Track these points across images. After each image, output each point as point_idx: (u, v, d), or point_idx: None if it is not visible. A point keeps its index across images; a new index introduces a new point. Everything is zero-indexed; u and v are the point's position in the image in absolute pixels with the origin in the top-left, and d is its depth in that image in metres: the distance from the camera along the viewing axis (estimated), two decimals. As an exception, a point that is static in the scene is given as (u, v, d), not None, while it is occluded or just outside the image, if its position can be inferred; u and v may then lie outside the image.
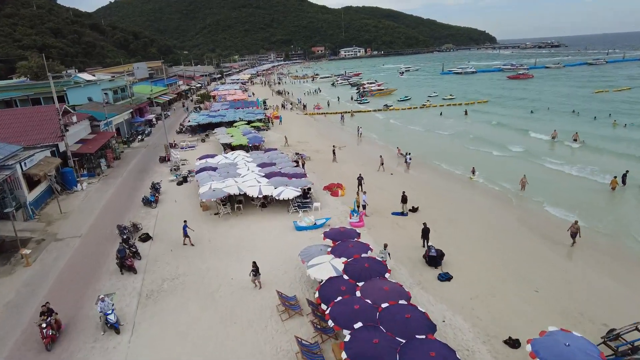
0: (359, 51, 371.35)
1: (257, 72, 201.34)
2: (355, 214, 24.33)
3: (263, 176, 29.13)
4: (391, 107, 73.93)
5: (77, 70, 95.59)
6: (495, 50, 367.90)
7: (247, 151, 39.46)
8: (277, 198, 25.68)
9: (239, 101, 76.19)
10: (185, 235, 22.70)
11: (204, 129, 56.64)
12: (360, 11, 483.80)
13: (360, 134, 51.68)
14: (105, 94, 60.94)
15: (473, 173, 34.12)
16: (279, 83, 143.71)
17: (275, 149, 38.07)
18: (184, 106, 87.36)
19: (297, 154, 41.02)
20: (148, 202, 29.24)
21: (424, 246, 21.72)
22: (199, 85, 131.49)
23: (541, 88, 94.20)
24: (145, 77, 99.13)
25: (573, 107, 64.72)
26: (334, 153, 40.06)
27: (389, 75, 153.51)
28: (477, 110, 66.24)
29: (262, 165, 31.94)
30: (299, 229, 23.64)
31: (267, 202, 27.57)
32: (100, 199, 31.77)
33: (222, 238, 23.53)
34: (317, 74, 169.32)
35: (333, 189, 30.29)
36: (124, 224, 24.50)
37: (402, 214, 26.35)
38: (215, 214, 27.00)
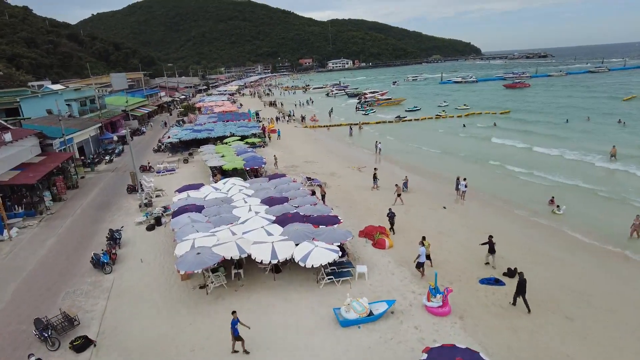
0: (347, 63, 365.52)
1: (245, 83, 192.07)
2: (437, 294, 14.72)
3: (273, 221, 19.43)
4: (404, 118, 65.11)
5: (51, 82, 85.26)
6: (484, 60, 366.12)
7: (245, 178, 29.75)
8: (302, 265, 15.96)
9: (228, 113, 66.53)
10: (236, 336, 12.97)
11: (187, 147, 46.71)
12: (346, 23, 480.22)
13: (380, 150, 42.44)
14: (68, 105, 50.86)
15: (558, 207, 25.00)
16: (269, 94, 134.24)
17: (284, 175, 28.39)
18: (165, 118, 77.01)
19: (308, 179, 31.44)
20: (99, 264, 19.25)
21: (521, 300, 14.65)
22: (183, 97, 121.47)
23: (556, 96, 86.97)
24: (124, 89, 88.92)
25: (611, 116, 56.94)
26: (375, 178, 30.24)
27: (382, 85, 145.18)
28: (501, 126, 56.99)
29: (269, 201, 22.19)
30: (346, 324, 13.94)
31: (281, 264, 17.85)
32: (32, 255, 21.61)
33: (214, 343, 13.72)
34: (308, 85, 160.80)
35: (375, 236, 20.74)
36: (46, 318, 14.49)
37: (496, 281, 16.88)
38: (200, 288, 17.17)
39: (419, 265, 17.46)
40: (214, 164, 32.58)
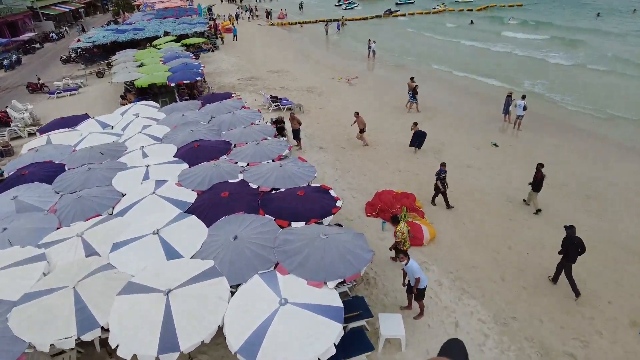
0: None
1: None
2: None
3: (188, 210, 8.94)
4: (396, 13, 51.85)
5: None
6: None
7: (163, 102, 18.52)
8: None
9: (170, 9, 51.21)
10: None
11: (107, 54, 33.66)
12: None
13: (373, 52, 30.83)
14: None
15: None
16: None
17: (231, 95, 17.10)
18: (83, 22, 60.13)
19: (274, 99, 20.41)
20: None
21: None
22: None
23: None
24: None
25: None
26: (414, 92, 19.14)
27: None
28: (521, 26, 44.38)
29: (190, 153, 11.25)
30: None
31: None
32: None
33: None
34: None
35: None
36: None
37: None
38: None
39: (420, 295, 7.99)
40: (123, 78, 20.76)
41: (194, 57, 26.07)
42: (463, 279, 9.23)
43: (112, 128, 14.07)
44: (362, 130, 15.89)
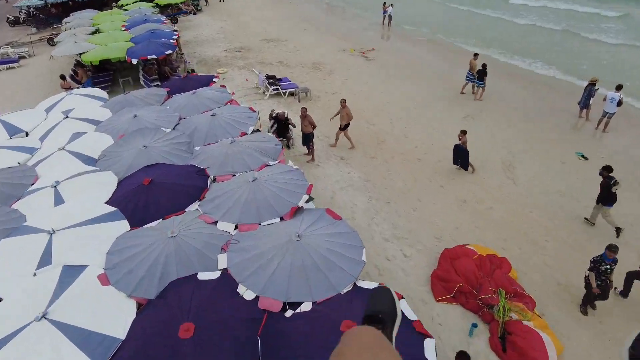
0: None
1: None
2: None
3: None
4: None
5: None
6: None
7: (125, 82, 13.43)
8: None
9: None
10: None
11: (66, 15, 27.91)
12: None
13: (389, 17, 25.38)
14: None
15: None
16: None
17: (213, 80, 12.10)
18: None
19: (271, 81, 15.32)
20: None
21: None
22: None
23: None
24: None
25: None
26: (480, 74, 14.13)
27: None
28: None
29: (137, 196, 6.53)
30: None
31: None
32: None
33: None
34: None
35: (497, 313, 6.28)
36: None
37: None
38: None
39: None
40: (66, 51, 15.50)
41: (168, 21, 20.75)
42: None
43: (27, 135, 9.18)
44: (343, 127, 11.12)
